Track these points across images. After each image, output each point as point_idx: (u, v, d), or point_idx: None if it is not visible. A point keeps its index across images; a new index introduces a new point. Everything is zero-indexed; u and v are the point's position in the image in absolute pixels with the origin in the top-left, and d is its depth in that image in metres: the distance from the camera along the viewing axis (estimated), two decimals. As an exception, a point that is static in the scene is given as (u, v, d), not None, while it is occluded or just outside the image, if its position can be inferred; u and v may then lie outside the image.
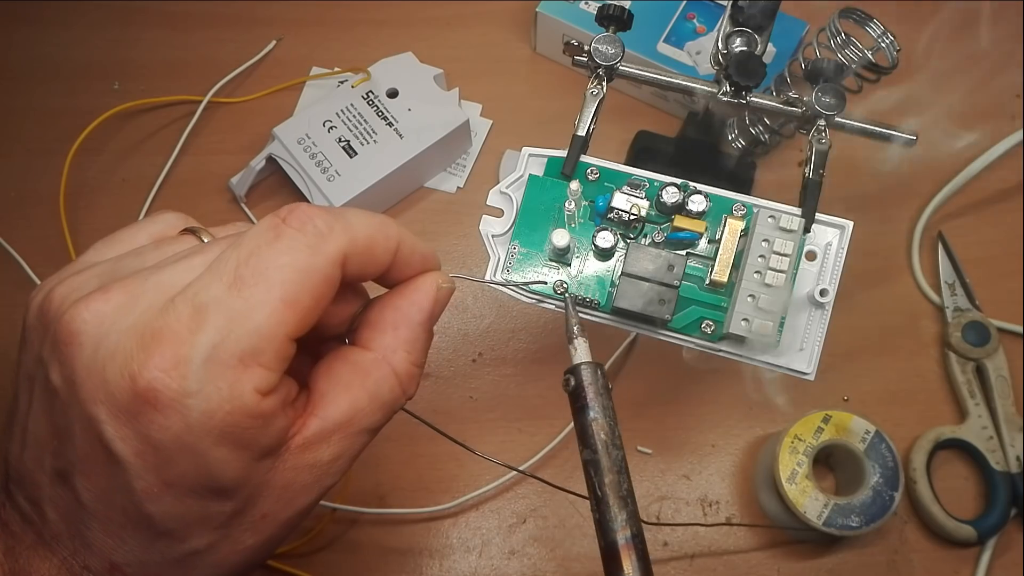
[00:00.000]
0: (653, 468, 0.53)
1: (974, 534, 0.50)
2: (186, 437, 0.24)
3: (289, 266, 0.25)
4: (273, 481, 0.26)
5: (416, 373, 0.29)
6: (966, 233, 0.59)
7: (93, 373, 0.24)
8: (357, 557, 0.51)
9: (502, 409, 0.54)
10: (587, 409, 0.29)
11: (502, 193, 0.38)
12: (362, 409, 0.28)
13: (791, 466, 0.49)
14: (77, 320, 0.24)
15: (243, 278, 0.24)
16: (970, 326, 0.55)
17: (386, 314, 0.29)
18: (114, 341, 0.24)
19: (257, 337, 0.24)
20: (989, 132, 0.58)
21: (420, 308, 0.29)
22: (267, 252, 0.25)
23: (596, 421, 0.29)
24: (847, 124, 0.41)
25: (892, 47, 0.46)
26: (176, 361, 0.23)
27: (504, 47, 0.64)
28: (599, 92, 0.40)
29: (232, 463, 0.25)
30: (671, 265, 0.36)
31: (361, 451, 0.29)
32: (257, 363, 0.24)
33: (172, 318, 0.24)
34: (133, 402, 0.23)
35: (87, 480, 0.25)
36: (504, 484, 0.52)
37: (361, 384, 0.28)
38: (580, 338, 0.31)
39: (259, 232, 0.25)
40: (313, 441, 0.27)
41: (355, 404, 0.28)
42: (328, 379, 0.28)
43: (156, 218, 0.30)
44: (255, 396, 0.24)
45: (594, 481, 0.29)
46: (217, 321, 0.24)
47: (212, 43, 0.64)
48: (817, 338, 0.37)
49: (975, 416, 0.53)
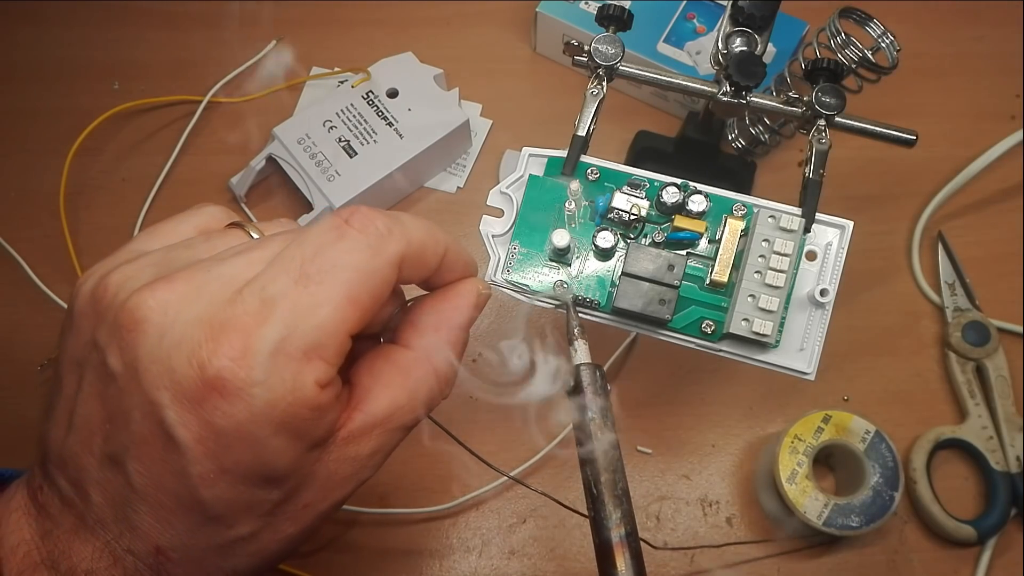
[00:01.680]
0: (653, 468, 0.53)
1: (974, 534, 0.50)
2: (248, 425, 0.24)
3: (352, 265, 0.26)
4: (317, 472, 0.27)
5: (453, 375, 0.31)
6: (966, 233, 0.59)
7: (158, 360, 0.24)
8: (357, 557, 0.51)
9: (502, 409, 0.54)
10: (586, 410, 0.30)
11: (502, 193, 0.38)
12: (402, 406, 0.29)
13: (791, 466, 0.49)
14: (143, 307, 0.25)
15: (309, 275, 0.25)
16: (970, 326, 0.55)
17: (429, 316, 0.31)
18: (180, 330, 0.25)
19: (321, 332, 0.25)
20: (989, 132, 0.58)
21: (462, 312, 0.31)
22: (332, 251, 0.26)
23: (594, 421, 0.29)
24: (847, 124, 0.41)
25: (892, 47, 0.46)
26: (244, 351, 0.24)
27: (504, 47, 0.64)
28: (599, 92, 0.40)
29: (286, 452, 0.25)
30: (671, 265, 0.36)
31: (396, 447, 0.29)
32: (319, 356, 0.25)
33: (240, 309, 0.25)
34: (199, 389, 0.24)
35: (141, 464, 0.25)
36: (504, 484, 0.52)
37: (402, 382, 0.29)
38: (580, 340, 0.32)
39: (323, 231, 0.27)
40: (356, 435, 0.28)
41: (396, 401, 0.29)
42: (371, 376, 0.29)
43: (200, 210, 0.31)
44: (315, 388, 0.25)
45: (590, 480, 0.29)
46: (284, 314, 0.25)
47: (212, 43, 0.64)
48: (817, 338, 0.37)
49: (975, 416, 0.53)
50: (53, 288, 0.55)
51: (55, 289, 0.55)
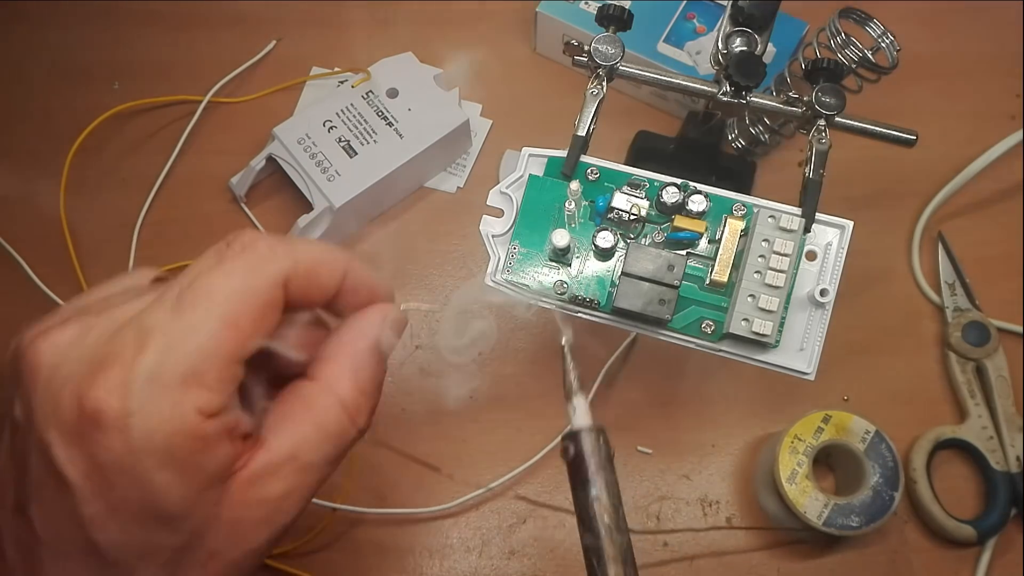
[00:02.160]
0: (653, 468, 0.53)
1: (974, 534, 0.50)
2: (128, 458, 0.24)
3: (229, 287, 0.25)
4: (221, 516, 0.26)
5: (364, 404, 0.29)
6: (966, 233, 0.59)
7: (47, 401, 0.25)
8: (357, 557, 0.51)
9: (502, 409, 0.54)
10: (588, 484, 0.26)
11: (502, 193, 0.38)
12: (308, 440, 0.27)
13: (791, 466, 0.49)
14: (37, 352, 0.25)
15: (184, 301, 0.25)
16: (970, 326, 0.55)
17: (332, 344, 0.29)
18: (67, 369, 0.25)
19: (198, 357, 0.24)
20: (989, 132, 0.58)
21: (364, 335, 0.29)
22: (208, 276, 0.26)
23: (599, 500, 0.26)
24: (847, 124, 0.41)
25: (892, 47, 0.46)
26: (121, 382, 0.24)
27: (504, 47, 0.64)
28: (599, 92, 0.40)
29: (175, 488, 0.24)
30: (671, 265, 0.36)
31: (316, 488, 0.28)
32: (199, 384, 0.24)
33: (119, 343, 0.25)
34: (80, 423, 0.24)
35: (41, 509, 0.25)
36: (504, 484, 0.52)
37: (305, 414, 0.28)
38: (579, 395, 0.28)
39: (203, 259, 0.26)
40: (260, 474, 0.26)
41: (301, 435, 0.27)
42: (276, 412, 0.28)
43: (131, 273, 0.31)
44: (197, 417, 0.24)
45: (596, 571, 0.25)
46: (159, 343, 0.24)
47: (212, 43, 0.64)
48: (817, 338, 0.37)
49: (975, 416, 0.53)
50: (53, 288, 0.55)
51: (55, 289, 0.55)
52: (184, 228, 0.58)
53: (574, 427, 0.27)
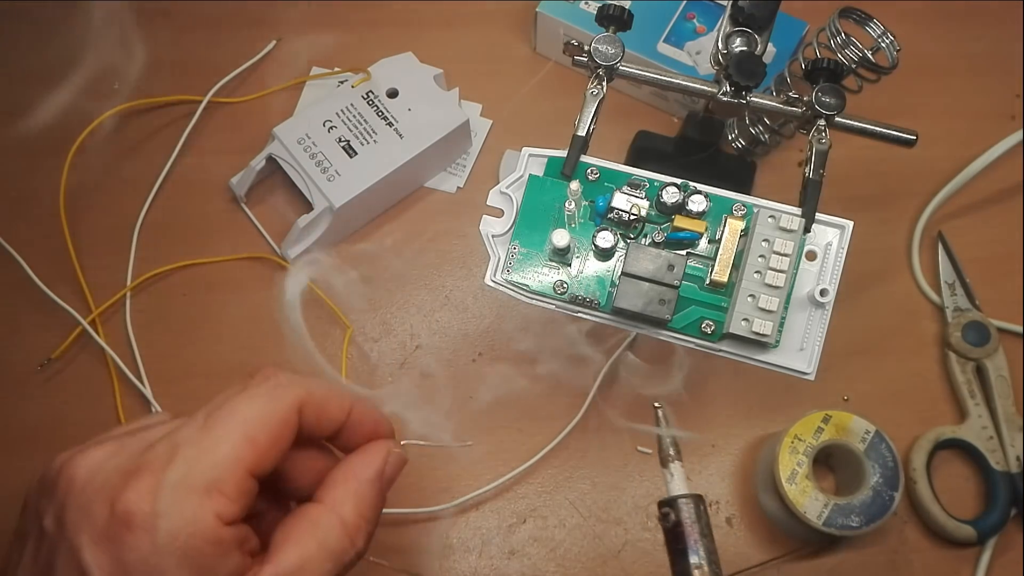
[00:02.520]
0: (653, 468, 0.53)
1: (974, 534, 0.50)
2: (153, 557, 0.26)
3: (251, 408, 0.29)
4: None
5: (364, 527, 0.31)
6: (966, 233, 0.59)
7: (80, 507, 0.27)
8: (357, 557, 0.51)
9: (502, 409, 0.54)
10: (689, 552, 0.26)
11: (502, 193, 0.38)
12: (311, 558, 0.30)
13: (791, 466, 0.49)
14: (73, 467, 0.28)
15: (212, 419, 0.29)
16: (970, 326, 0.55)
17: (339, 471, 0.33)
18: (101, 479, 0.28)
19: (221, 468, 0.28)
20: (989, 132, 0.58)
21: (369, 465, 0.33)
22: (234, 400, 0.30)
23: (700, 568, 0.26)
24: (847, 124, 0.41)
25: (892, 47, 0.46)
26: (152, 488, 0.27)
27: (504, 47, 0.64)
28: (599, 92, 0.40)
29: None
30: (671, 265, 0.36)
31: None
32: (219, 491, 0.27)
33: (151, 455, 0.28)
34: (111, 526, 0.26)
35: None
36: (504, 484, 0.52)
37: (311, 534, 0.30)
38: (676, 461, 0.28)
39: (229, 389, 0.30)
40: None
41: (305, 552, 0.30)
42: (283, 531, 0.30)
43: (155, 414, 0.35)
44: (216, 521, 0.27)
45: None
46: (187, 454, 0.28)
47: (212, 43, 0.64)
48: (817, 338, 0.38)
49: (975, 416, 0.53)
50: (53, 288, 0.55)
51: (55, 289, 0.55)
52: (184, 228, 0.58)
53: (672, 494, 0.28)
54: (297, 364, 0.36)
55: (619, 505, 0.52)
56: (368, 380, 0.55)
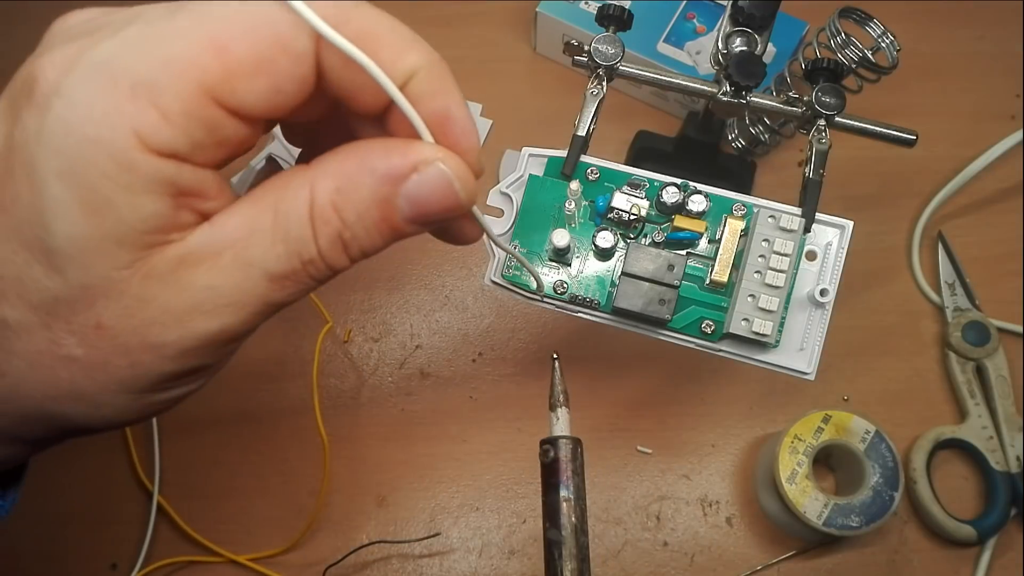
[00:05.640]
0: (653, 468, 0.53)
1: (974, 534, 0.50)
2: (33, 146, 0.19)
3: (237, 5, 0.20)
4: (125, 288, 0.21)
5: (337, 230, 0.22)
6: (966, 233, 0.59)
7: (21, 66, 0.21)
8: (357, 556, 0.51)
9: (502, 409, 0.54)
10: (560, 487, 0.28)
11: (502, 193, 0.38)
12: (261, 230, 0.21)
13: (791, 466, 0.49)
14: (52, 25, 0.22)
15: (184, 6, 0.20)
16: (970, 326, 0.55)
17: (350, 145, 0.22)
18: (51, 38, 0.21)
19: (159, 66, 0.19)
20: (989, 132, 0.58)
21: (387, 157, 0.22)
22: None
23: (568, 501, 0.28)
24: (847, 124, 0.41)
25: (892, 47, 0.46)
26: (68, 57, 0.20)
27: (504, 47, 0.64)
28: (599, 92, 0.40)
29: (69, 212, 0.20)
30: (671, 265, 0.36)
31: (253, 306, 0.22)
32: (150, 100, 0.19)
33: (104, 23, 0.21)
34: (20, 92, 0.20)
35: None
36: (504, 484, 0.52)
37: (272, 198, 0.22)
38: (563, 407, 0.30)
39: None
40: (196, 255, 0.21)
41: (256, 221, 0.21)
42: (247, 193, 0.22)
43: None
44: (131, 139, 0.19)
45: (557, 564, 0.28)
46: (131, 35, 0.20)
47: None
48: (817, 338, 0.37)
49: (975, 416, 0.53)
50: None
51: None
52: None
53: (554, 434, 0.29)
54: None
55: (619, 505, 0.52)
56: (368, 380, 0.55)
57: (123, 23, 0.20)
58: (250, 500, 0.52)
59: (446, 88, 0.23)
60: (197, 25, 0.20)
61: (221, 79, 0.20)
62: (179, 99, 0.19)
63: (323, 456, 0.51)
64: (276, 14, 0.20)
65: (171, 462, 0.53)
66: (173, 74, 0.19)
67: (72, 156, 0.19)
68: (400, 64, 0.22)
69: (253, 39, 0.20)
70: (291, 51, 0.20)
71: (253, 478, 0.53)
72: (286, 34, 0.20)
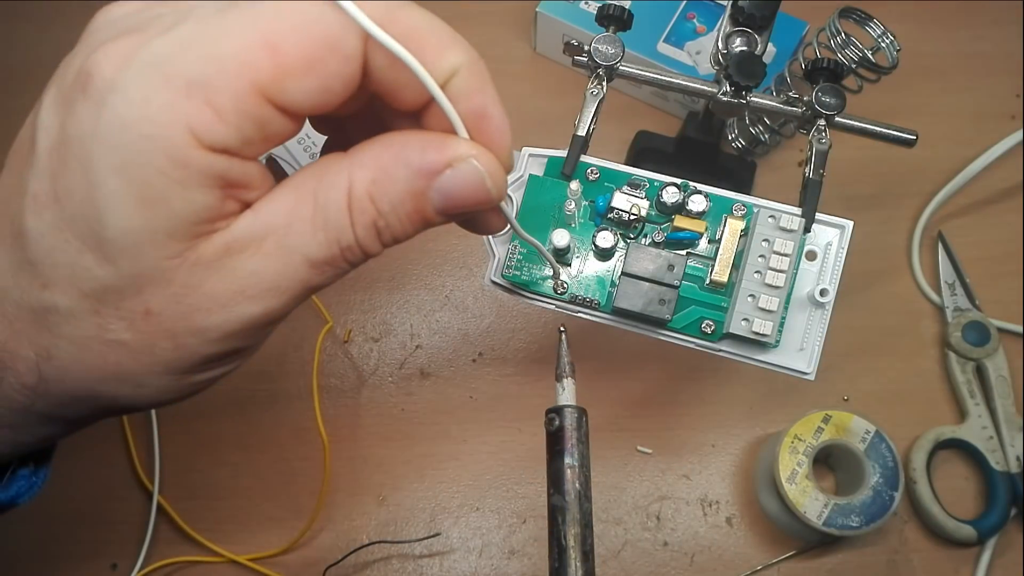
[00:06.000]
0: (653, 468, 0.53)
1: (974, 534, 0.50)
2: (90, 142, 0.20)
3: (289, 5, 0.20)
4: (173, 276, 0.21)
5: (372, 219, 0.23)
6: (966, 233, 0.59)
7: (66, 61, 0.22)
8: (357, 556, 0.51)
9: (502, 409, 0.54)
10: (565, 454, 0.29)
11: (502, 193, 0.38)
12: (302, 217, 0.22)
13: (791, 466, 0.49)
14: (98, 13, 0.23)
15: (236, 4, 0.20)
16: (970, 326, 0.55)
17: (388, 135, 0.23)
18: (100, 32, 0.22)
19: (214, 65, 0.20)
20: (989, 132, 0.58)
21: (423, 151, 0.23)
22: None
23: (572, 468, 0.29)
24: (847, 124, 0.41)
25: (892, 47, 0.46)
26: (124, 54, 0.20)
27: (504, 47, 0.64)
28: (599, 92, 0.40)
29: (124, 206, 0.20)
30: (671, 265, 0.36)
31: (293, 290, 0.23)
32: (204, 99, 0.20)
33: (154, 19, 0.21)
34: (72, 86, 0.20)
35: (6, 177, 0.23)
36: (504, 484, 0.52)
37: (313, 185, 0.22)
38: (570, 378, 0.31)
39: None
40: (239, 241, 0.22)
41: (296, 208, 0.22)
42: (287, 179, 0.23)
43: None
44: (187, 136, 0.20)
45: (560, 529, 0.28)
46: (183, 33, 0.20)
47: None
48: (817, 338, 0.37)
49: (975, 416, 0.53)
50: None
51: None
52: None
53: (560, 403, 0.30)
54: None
55: (619, 505, 0.52)
56: (368, 380, 0.55)
57: (175, 19, 0.21)
58: (250, 500, 0.52)
59: (484, 86, 0.24)
60: (250, 24, 0.20)
61: (273, 78, 0.20)
62: (233, 98, 0.20)
63: (323, 456, 0.51)
64: (326, 13, 0.20)
65: (171, 462, 0.53)
66: (227, 73, 0.20)
67: (128, 152, 0.20)
68: (443, 63, 0.22)
69: (305, 39, 0.20)
70: (341, 51, 0.21)
71: (253, 478, 0.53)
72: (336, 34, 0.20)
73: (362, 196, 0.22)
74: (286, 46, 0.20)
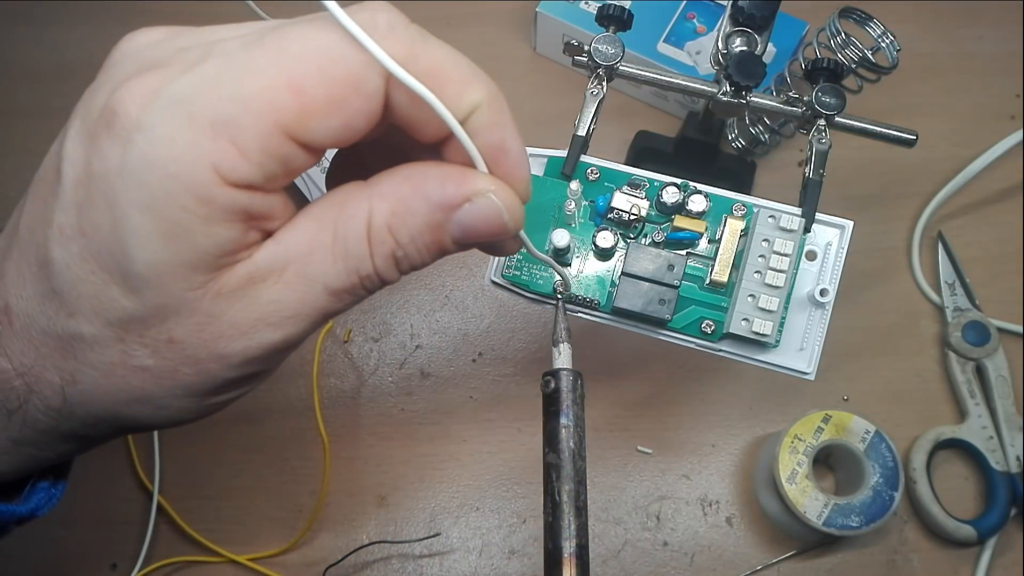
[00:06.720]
0: (653, 468, 0.53)
1: (974, 534, 0.50)
2: (116, 179, 0.20)
3: (314, 44, 0.20)
4: (197, 306, 0.22)
5: (391, 250, 0.23)
6: (966, 233, 0.59)
7: (91, 90, 0.22)
8: (357, 556, 0.51)
9: (502, 409, 0.54)
10: (560, 414, 0.30)
11: (502, 193, 0.38)
12: (322, 247, 0.23)
13: (791, 466, 0.49)
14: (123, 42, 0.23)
15: (261, 41, 0.21)
16: (970, 326, 0.55)
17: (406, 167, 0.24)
18: (124, 66, 0.22)
19: (239, 106, 0.20)
20: (989, 132, 0.58)
21: (443, 185, 0.23)
22: (301, 24, 0.21)
23: (567, 428, 0.29)
24: (847, 124, 0.41)
25: (892, 47, 0.46)
26: (148, 91, 0.20)
27: (504, 47, 0.64)
28: (599, 92, 0.40)
29: (149, 242, 0.21)
30: (671, 265, 0.36)
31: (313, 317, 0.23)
32: (229, 137, 0.20)
33: (180, 55, 0.21)
34: (97, 122, 0.21)
35: (31, 203, 0.23)
36: (504, 484, 0.52)
37: (333, 215, 0.23)
38: (566, 343, 0.31)
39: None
40: (261, 271, 0.22)
41: (317, 238, 0.23)
42: (308, 208, 0.24)
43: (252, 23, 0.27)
44: (211, 174, 0.20)
45: (554, 486, 0.29)
46: (207, 70, 0.20)
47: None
48: (817, 338, 0.37)
49: (975, 416, 0.53)
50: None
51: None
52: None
53: (556, 367, 0.31)
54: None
55: (619, 505, 0.52)
56: (368, 380, 0.55)
57: (200, 55, 0.21)
58: (250, 500, 0.52)
59: (503, 121, 0.24)
60: (274, 63, 0.20)
61: (297, 118, 0.20)
62: (257, 137, 0.20)
63: (323, 456, 0.51)
64: (349, 52, 0.21)
65: (171, 462, 0.53)
66: (252, 113, 0.20)
67: (154, 190, 0.20)
68: (463, 100, 0.23)
69: (329, 80, 0.21)
70: (364, 91, 0.21)
71: (253, 478, 0.53)
72: (359, 74, 0.21)
73: (381, 228, 0.23)
74: (310, 87, 0.20)
